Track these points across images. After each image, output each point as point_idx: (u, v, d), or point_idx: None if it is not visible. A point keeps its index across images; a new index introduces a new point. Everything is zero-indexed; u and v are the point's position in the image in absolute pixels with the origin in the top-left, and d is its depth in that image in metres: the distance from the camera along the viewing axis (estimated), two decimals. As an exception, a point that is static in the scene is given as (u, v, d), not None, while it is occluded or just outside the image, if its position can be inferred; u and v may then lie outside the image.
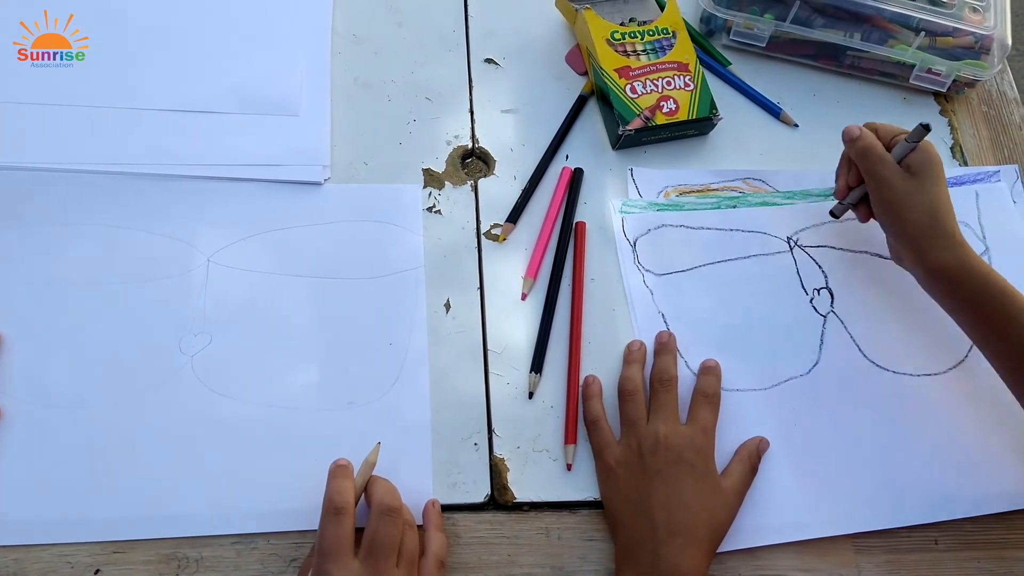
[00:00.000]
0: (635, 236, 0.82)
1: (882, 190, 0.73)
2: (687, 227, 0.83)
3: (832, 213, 0.81)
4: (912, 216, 0.72)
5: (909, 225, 0.72)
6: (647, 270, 0.80)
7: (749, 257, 0.82)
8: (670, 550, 0.63)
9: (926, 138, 0.72)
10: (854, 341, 0.78)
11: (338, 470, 0.64)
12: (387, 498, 0.63)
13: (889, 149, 0.74)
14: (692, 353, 0.76)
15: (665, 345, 0.75)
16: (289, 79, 0.85)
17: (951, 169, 0.89)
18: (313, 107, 0.84)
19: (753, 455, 0.71)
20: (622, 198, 0.83)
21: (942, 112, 0.93)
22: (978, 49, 0.90)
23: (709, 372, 0.74)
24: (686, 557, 0.63)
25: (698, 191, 0.85)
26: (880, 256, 0.82)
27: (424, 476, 0.68)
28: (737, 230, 0.83)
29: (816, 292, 0.80)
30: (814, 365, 0.77)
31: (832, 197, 0.80)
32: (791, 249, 0.82)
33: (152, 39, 0.85)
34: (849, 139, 0.76)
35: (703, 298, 0.79)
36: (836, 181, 0.79)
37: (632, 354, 0.75)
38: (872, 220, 0.77)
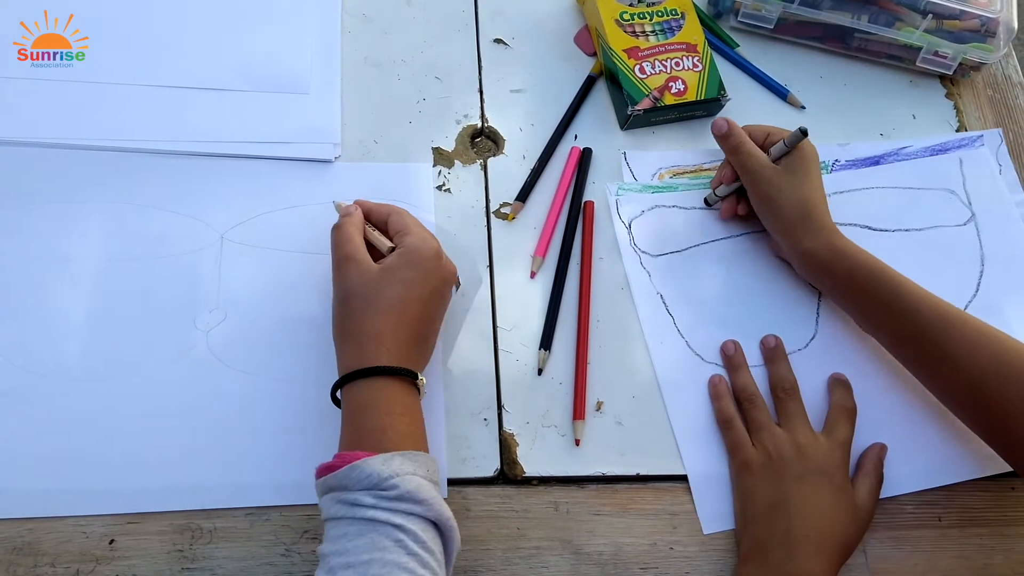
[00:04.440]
0: (630, 218, 0.82)
1: (755, 185, 0.77)
2: (680, 207, 0.83)
3: (706, 201, 0.83)
4: (784, 209, 0.75)
5: (781, 217, 0.75)
6: (643, 252, 0.81)
7: (743, 235, 0.82)
8: (804, 555, 0.63)
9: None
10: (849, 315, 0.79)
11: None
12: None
13: (766, 147, 0.77)
14: (694, 333, 0.77)
15: (775, 351, 0.76)
16: (299, 58, 0.85)
17: (938, 135, 0.90)
18: (323, 86, 0.84)
19: (878, 465, 0.71)
20: (618, 181, 0.84)
21: (948, 95, 0.94)
22: (984, 32, 0.90)
23: (845, 385, 0.75)
24: (818, 565, 0.63)
25: (692, 172, 0.86)
26: (871, 228, 0.84)
27: (437, 451, 0.69)
28: (729, 208, 0.83)
29: None
30: (811, 339, 0.78)
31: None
32: None
33: (155, 34, 0.84)
34: (718, 134, 0.79)
35: (699, 277, 0.80)
36: (718, 172, 0.82)
37: (734, 359, 0.75)
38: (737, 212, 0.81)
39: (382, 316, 0.63)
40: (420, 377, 0.64)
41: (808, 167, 0.75)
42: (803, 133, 0.74)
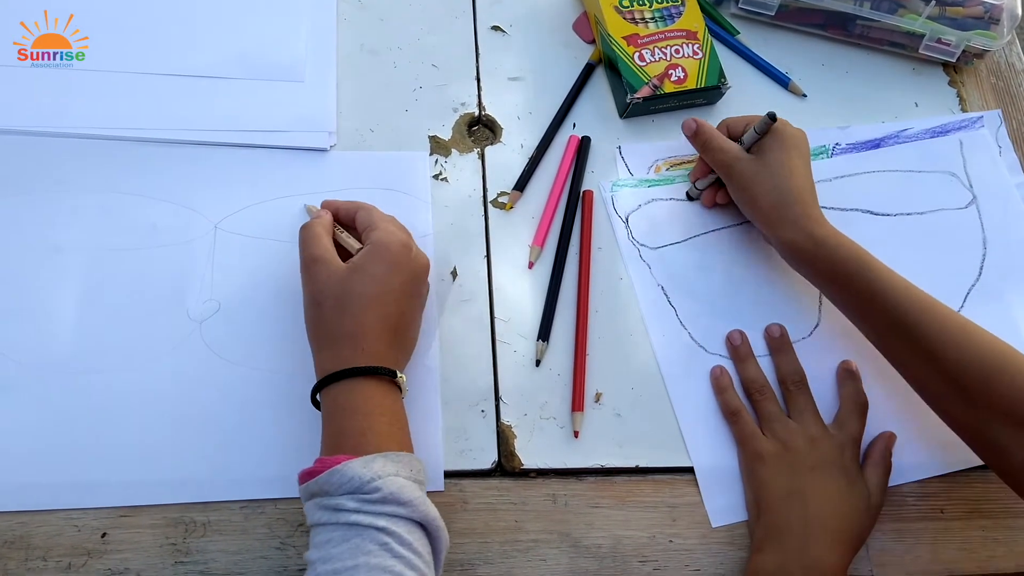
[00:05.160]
0: (626, 213, 0.81)
1: (729, 179, 0.76)
2: (676, 199, 0.83)
3: (688, 194, 0.82)
4: (758, 199, 0.73)
5: (757, 207, 0.74)
6: (642, 244, 0.80)
7: (742, 223, 0.81)
8: (820, 544, 0.63)
9: (779, 113, 0.73)
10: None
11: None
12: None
13: (743, 135, 0.76)
14: (696, 324, 0.77)
15: (781, 341, 0.75)
16: (294, 45, 0.84)
17: (939, 117, 0.89)
18: (319, 74, 0.83)
19: (886, 455, 0.71)
20: (612, 178, 0.83)
21: (951, 83, 0.93)
22: (987, 19, 0.89)
23: (856, 378, 0.74)
24: (833, 554, 0.63)
25: (688, 162, 0.85)
26: (872, 213, 0.83)
27: (434, 443, 0.68)
28: (726, 198, 0.83)
29: None
30: (815, 327, 0.77)
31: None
32: None
33: (154, 29, 0.83)
34: (688, 134, 0.77)
35: (700, 268, 0.79)
36: (695, 167, 0.81)
37: (741, 349, 0.75)
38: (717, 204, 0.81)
39: (355, 315, 0.62)
40: (400, 375, 0.62)
41: (784, 153, 0.73)
42: (771, 119, 0.72)
